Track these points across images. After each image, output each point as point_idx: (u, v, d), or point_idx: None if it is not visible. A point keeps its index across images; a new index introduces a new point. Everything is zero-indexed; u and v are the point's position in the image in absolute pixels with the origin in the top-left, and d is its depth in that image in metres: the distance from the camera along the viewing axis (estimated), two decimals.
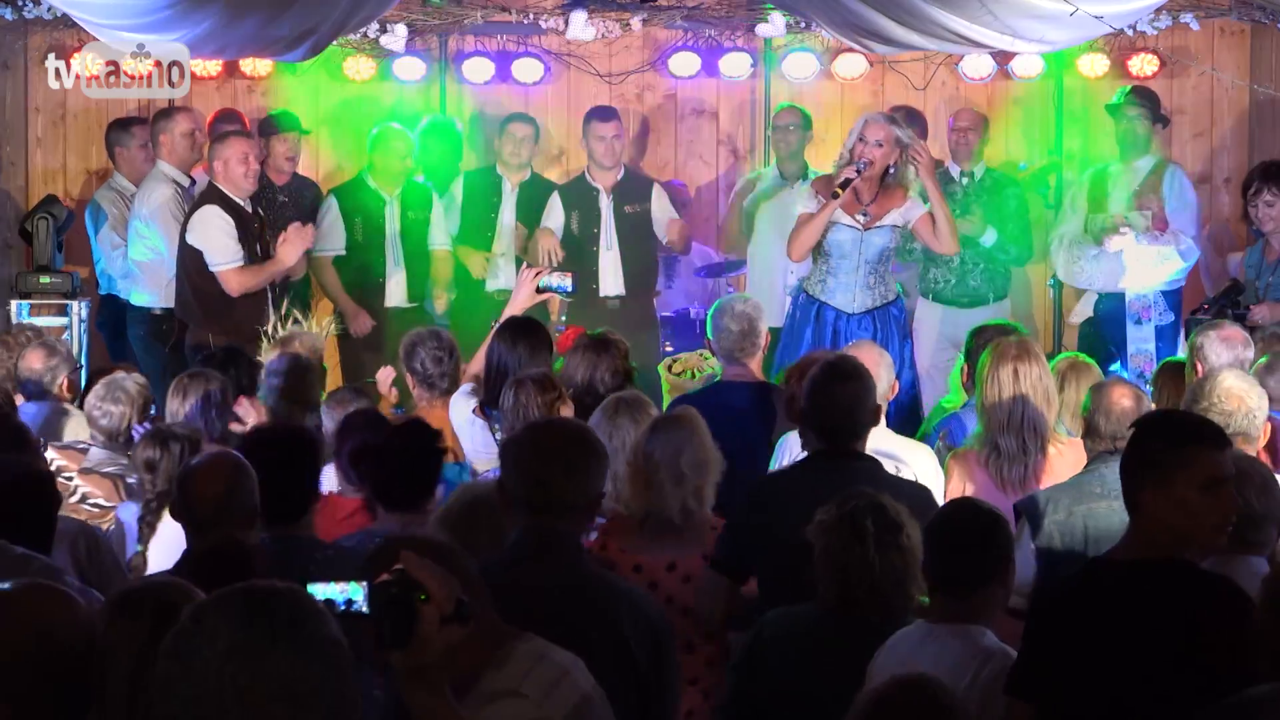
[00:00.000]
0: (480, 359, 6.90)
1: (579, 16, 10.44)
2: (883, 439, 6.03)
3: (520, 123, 10.14)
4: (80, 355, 8.94)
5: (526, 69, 10.70)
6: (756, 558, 5.18)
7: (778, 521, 4.99)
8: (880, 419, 5.95)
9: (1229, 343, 6.59)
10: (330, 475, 5.96)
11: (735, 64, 10.72)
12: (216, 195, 8.86)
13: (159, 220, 9.17)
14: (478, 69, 10.68)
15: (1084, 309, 9.92)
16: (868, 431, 5.38)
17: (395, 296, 9.78)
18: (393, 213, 9.78)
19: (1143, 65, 10.72)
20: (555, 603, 3.83)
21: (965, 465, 5.99)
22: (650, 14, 10.59)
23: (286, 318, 8.70)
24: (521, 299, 7.53)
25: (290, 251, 8.89)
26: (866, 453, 5.39)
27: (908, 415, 7.84)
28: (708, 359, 7.97)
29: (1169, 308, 9.35)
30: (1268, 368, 6.43)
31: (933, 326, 9.82)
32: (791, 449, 6.09)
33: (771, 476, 5.25)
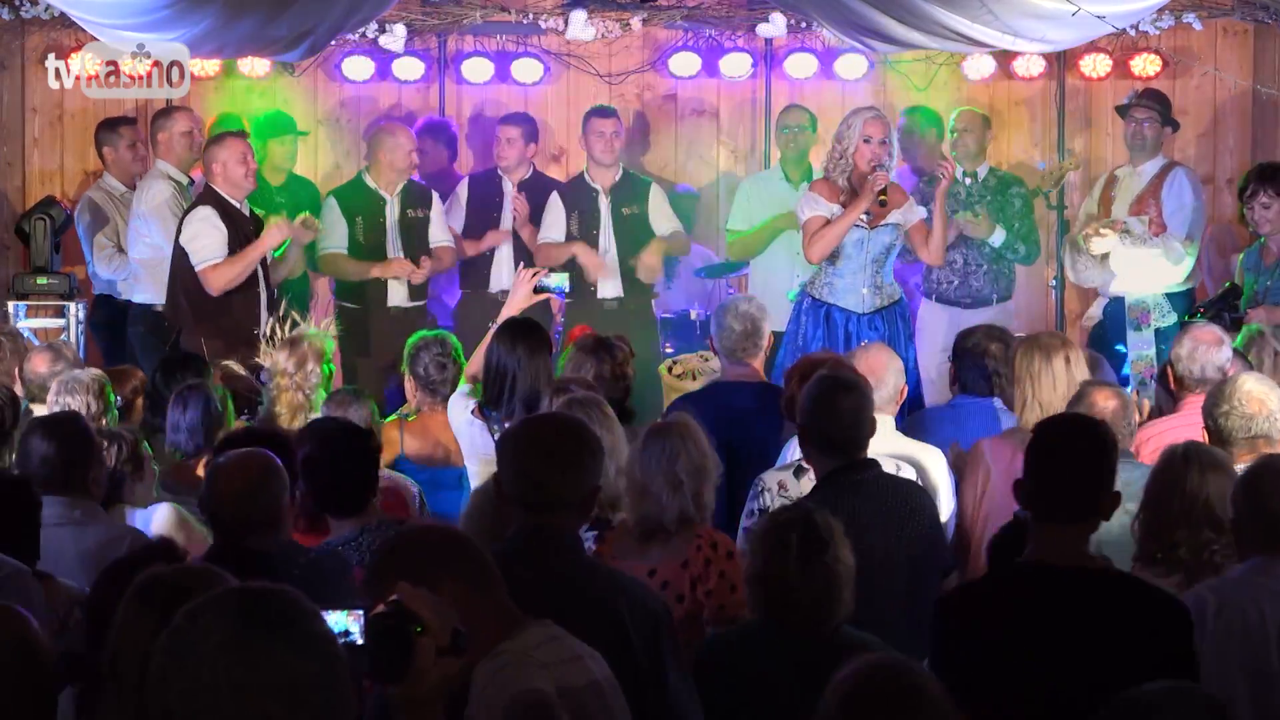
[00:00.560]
0: (478, 360, 6.87)
1: (579, 16, 10.42)
2: (893, 441, 6.00)
3: (510, 125, 10.11)
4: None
5: (526, 69, 10.67)
6: None
7: None
8: (891, 419, 5.96)
9: (1200, 343, 6.55)
10: None
11: (736, 64, 10.69)
12: (213, 198, 8.83)
13: (159, 217, 9.16)
14: (477, 69, 10.65)
15: (1095, 312, 9.90)
16: (869, 441, 5.36)
17: (397, 296, 9.75)
18: (393, 212, 9.76)
19: (1145, 65, 10.69)
20: (553, 597, 3.81)
21: (1007, 448, 5.95)
22: (650, 14, 10.57)
23: (285, 319, 8.67)
24: (519, 300, 7.51)
25: (273, 235, 8.82)
26: (870, 458, 5.37)
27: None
28: (709, 360, 7.95)
29: (1172, 310, 9.31)
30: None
31: (936, 328, 9.79)
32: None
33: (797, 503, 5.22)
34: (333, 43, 9.88)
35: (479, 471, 6.46)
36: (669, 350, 9.79)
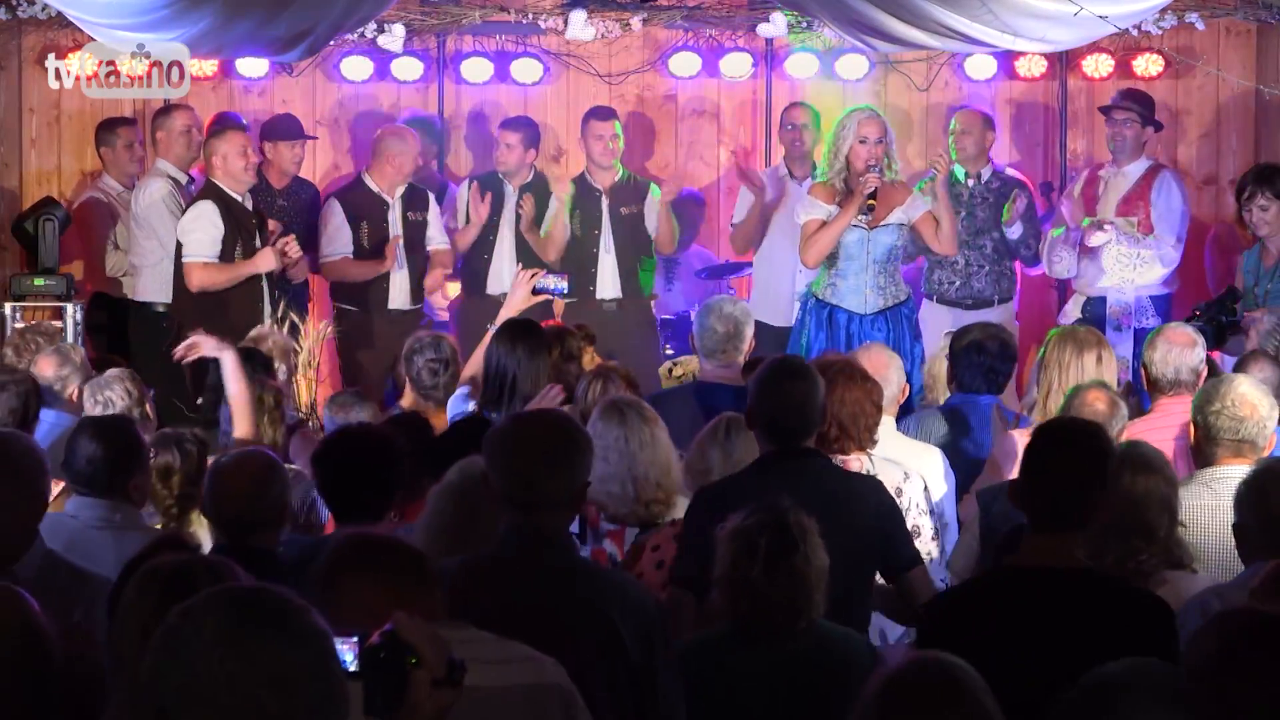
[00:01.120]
0: (477, 361, 6.86)
1: (578, 16, 10.39)
2: (893, 442, 5.95)
3: (510, 130, 10.08)
4: None
5: (525, 69, 10.64)
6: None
7: None
8: (892, 420, 5.90)
9: (1174, 346, 6.51)
10: None
11: (736, 64, 10.66)
12: (214, 192, 8.88)
13: (155, 215, 9.19)
14: (476, 69, 10.62)
15: (1073, 310, 9.88)
16: (816, 430, 5.12)
17: (398, 298, 9.72)
18: (394, 214, 9.73)
19: (1147, 65, 10.65)
20: (545, 595, 3.82)
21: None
22: (650, 14, 10.54)
23: (283, 320, 8.67)
24: (517, 301, 7.52)
25: (266, 260, 8.86)
26: (812, 449, 5.14)
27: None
28: None
29: (1157, 313, 9.29)
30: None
31: (937, 328, 9.75)
32: None
33: (720, 483, 5.07)
34: (331, 43, 9.85)
35: None
36: (669, 352, 9.77)
